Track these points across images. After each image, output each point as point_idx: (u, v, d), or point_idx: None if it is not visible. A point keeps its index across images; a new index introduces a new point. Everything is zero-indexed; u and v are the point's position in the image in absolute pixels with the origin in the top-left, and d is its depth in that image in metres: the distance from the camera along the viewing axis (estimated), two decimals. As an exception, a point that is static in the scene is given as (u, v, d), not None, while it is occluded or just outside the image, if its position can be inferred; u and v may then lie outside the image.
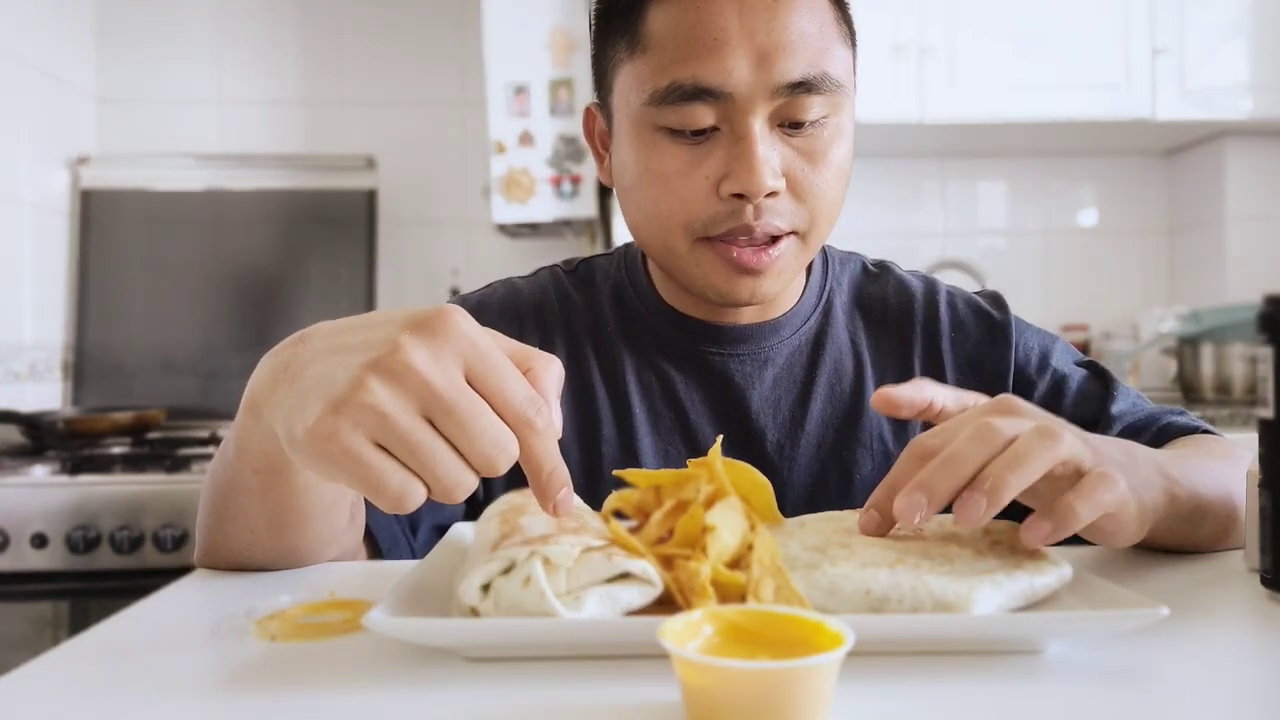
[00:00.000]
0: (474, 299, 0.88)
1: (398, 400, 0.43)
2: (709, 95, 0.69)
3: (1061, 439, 0.50)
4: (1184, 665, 0.46)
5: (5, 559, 1.59)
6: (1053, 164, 2.64)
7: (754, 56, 0.68)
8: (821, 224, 0.74)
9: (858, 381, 0.82)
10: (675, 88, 0.69)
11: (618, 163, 0.78)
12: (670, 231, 0.73)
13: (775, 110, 0.70)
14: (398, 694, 0.43)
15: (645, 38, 0.71)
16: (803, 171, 0.71)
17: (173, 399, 2.31)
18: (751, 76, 0.68)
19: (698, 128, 0.70)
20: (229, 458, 0.59)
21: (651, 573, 0.47)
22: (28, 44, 2.22)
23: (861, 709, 0.40)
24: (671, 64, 0.69)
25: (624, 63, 0.73)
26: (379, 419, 0.43)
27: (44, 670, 0.47)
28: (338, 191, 2.48)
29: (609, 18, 0.75)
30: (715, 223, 0.71)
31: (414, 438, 0.44)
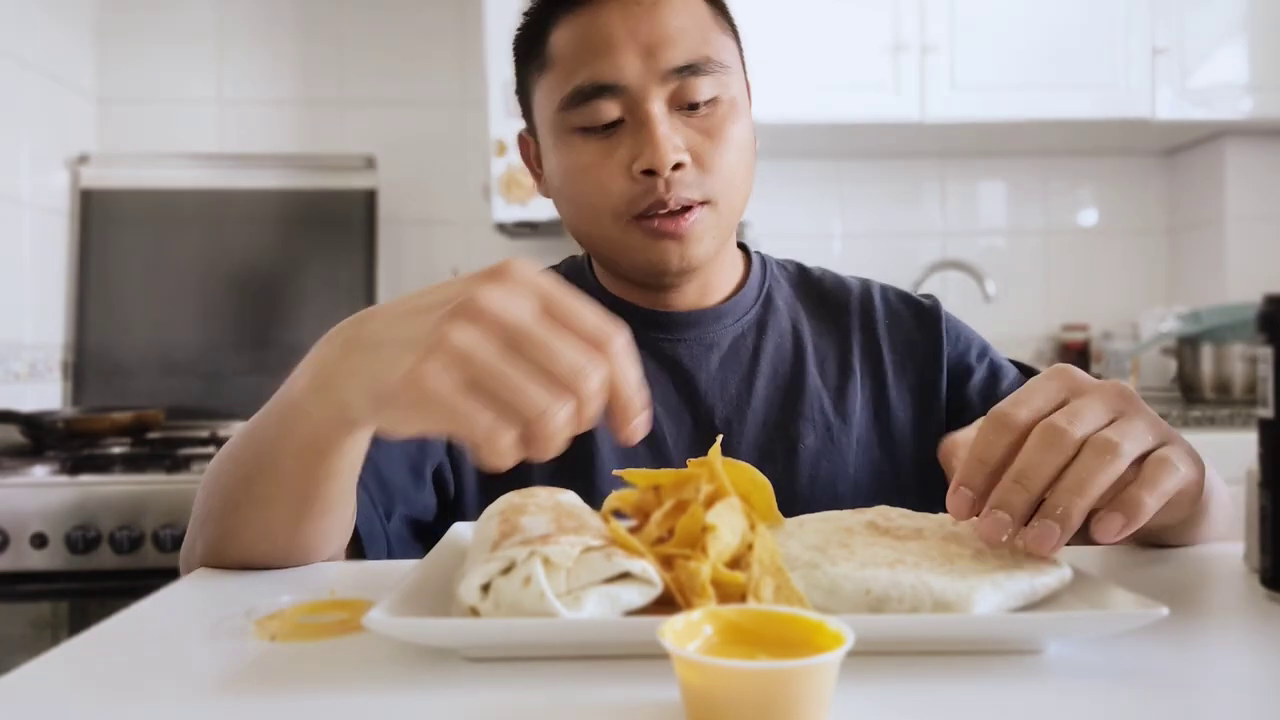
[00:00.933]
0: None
1: (480, 338, 0.46)
2: (608, 91, 0.78)
3: (1120, 452, 0.50)
4: (1184, 665, 0.46)
5: (5, 559, 1.59)
6: (1053, 164, 2.64)
7: (641, 51, 0.78)
8: (730, 194, 0.82)
9: (798, 361, 0.89)
10: (578, 90, 0.79)
11: (548, 172, 0.87)
12: (600, 219, 0.82)
13: (670, 96, 0.79)
14: (398, 694, 0.43)
15: (549, 57, 0.82)
16: (704, 147, 0.80)
17: (173, 399, 2.31)
18: (642, 68, 0.78)
19: (605, 121, 0.79)
20: (262, 443, 0.61)
21: (651, 573, 0.47)
22: (28, 44, 2.22)
23: (861, 709, 0.40)
24: (573, 72, 0.79)
25: (537, 83, 0.84)
26: (465, 358, 0.45)
27: (44, 670, 0.47)
28: (338, 191, 2.48)
29: (521, 47, 0.86)
30: (634, 201, 0.79)
31: (498, 368, 0.45)
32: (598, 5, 0.79)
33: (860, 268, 1.06)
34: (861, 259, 2.56)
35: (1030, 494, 0.50)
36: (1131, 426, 0.51)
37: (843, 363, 0.89)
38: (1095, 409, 0.51)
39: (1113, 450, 0.49)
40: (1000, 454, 0.51)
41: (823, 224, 2.61)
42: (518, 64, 0.87)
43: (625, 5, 0.78)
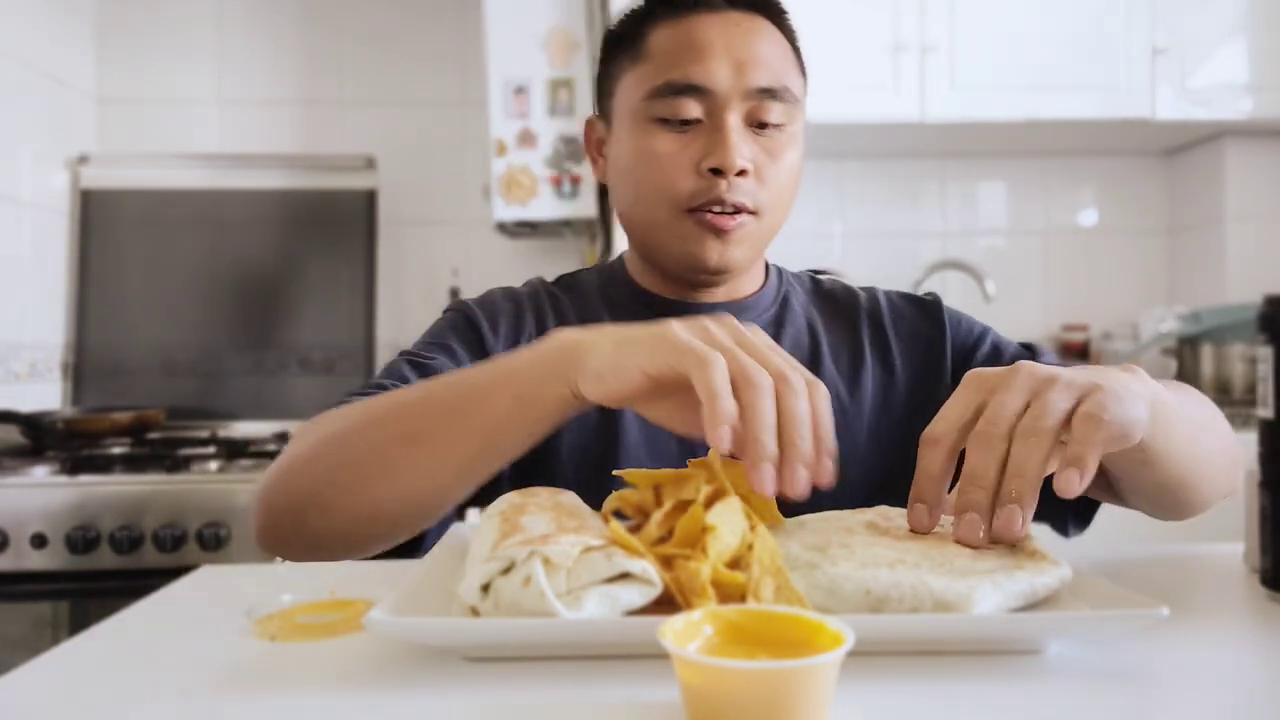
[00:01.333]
0: (475, 297, 0.98)
1: (720, 328, 0.59)
2: (696, 91, 0.85)
3: (1041, 429, 0.55)
4: (1184, 665, 0.46)
5: (5, 559, 1.59)
6: (1053, 164, 2.64)
7: (732, 64, 0.86)
8: (775, 210, 0.89)
9: (814, 353, 0.95)
10: (669, 84, 0.86)
11: (615, 155, 0.93)
12: (657, 205, 0.88)
13: (747, 111, 0.86)
14: (398, 694, 0.43)
15: (646, 51, 0.88)
16: (764, 163, 0.87)
17: (172, 399, 2.31)
18: (730, 79, 0.85)
19: (685, 117, 0.86)
20: (469, 389, 0.67)
21: (651, 573, 0.47)
22: (28, 44, 2.22)
23: (861, 709, 0.40)
24: (667, 67, 0.86)
25: (626, 72, 0.90)
26: (704, 331, 0.58)
27: (44, 670, 0.47)
28: (338, 191, 2.48)
29: (616, 41, 0.93)
30: (695, 195, 0.86)
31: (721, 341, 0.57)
32: (701, 16, 0.87)
33: (860, 268, 1.09)
34: (861, 259, 2.56)
35: (986, 492, 0.55)
36: (1046, 402, 0.56)
37: (854, 353, 0.95)
38: (1009, 402, 0.57)
39: (1035, 432, 0.55)
40: (938, 468, 0.57)
41: (823, 224, 2.61)
42: (606, 53, 0.94)
43: (726, 23, 0.87)
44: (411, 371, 0.85)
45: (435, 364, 0.86)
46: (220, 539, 1.63)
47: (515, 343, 0.92)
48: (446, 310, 0.97)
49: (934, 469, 0.57)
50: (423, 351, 0.89)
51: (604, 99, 0.95)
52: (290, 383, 2.38)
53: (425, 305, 2.56)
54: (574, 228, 2.39)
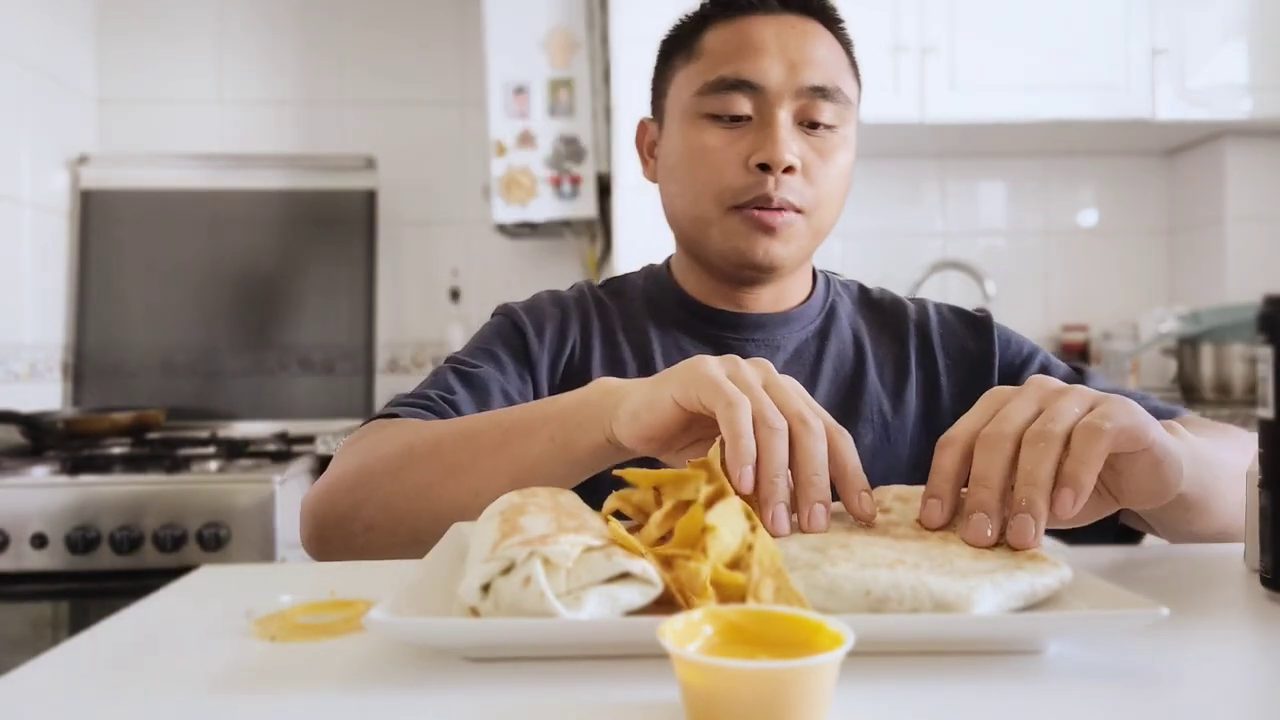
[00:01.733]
0: (522, 301, 0.99)
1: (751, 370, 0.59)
2: (747, 87, 0.86)
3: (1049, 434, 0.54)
4: (1184, 665, 0.46)
5: (5, 559, 1.59)
6: (1053, 164, 2.64)
7: (785, 63, 0.86)
8: (824, 211, 0.89)
9: (859, 365, 0.95)
10: (721, 79, 0.87)
11: (665, 151, 0.94)
12: (705, 200, 0.88)
13: (798, 109, 0.86)
14: (398, 694, 0.43)
15: (700, 50, 0.90)
16: (814, 162, 0.87)
17: (173, 399, 2.31)
18: (782, 77, 0.86)
19: (735, 113, 0.86)
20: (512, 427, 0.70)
21: (651, 573, 0.47)
22: (28, 44, 2.23)
23: (861, 709, 0.40)
24: (720, 64, 0.87)
25: (680, 70, 0.92)
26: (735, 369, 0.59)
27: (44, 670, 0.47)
28: (338, 191, 2.48)
29: (673, 42, 0.94)
30: (742, 191, 0.86)
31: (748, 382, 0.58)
32: (756, 17, 0.88)
33: (860, 268, 1.10)
34: (861, 259, 2.56)
35: (994, 492, 0.54)
36: (1056, 409, 0.55)
37: (900, 366, 0.95)
38: (1021, 409, 0.56)
39: (1044, 437, 0.54)
40: (951, 465, 0.57)
41: (823, 224, 2.61)
42: (662, 55, 0.96)
43: (780, 24, 0.88)
44: (457, 380, 0.86)
45: (480, 372, 0.88)
46: (220, 539, 1.63)
47: (560, 349, 0.93)
48: (493, 315, 0.98)
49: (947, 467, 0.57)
50: (469, 359, 0.90)
51: (657, 99, 0.97)
52: (290, 383, 2.38)
53: (425, 305, 2.56)
54: (574, 228, 2.39)
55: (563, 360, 0.93)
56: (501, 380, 0.88)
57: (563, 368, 0.93)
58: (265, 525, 1.65)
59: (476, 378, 0.87)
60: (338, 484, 0.76)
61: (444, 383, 0.86)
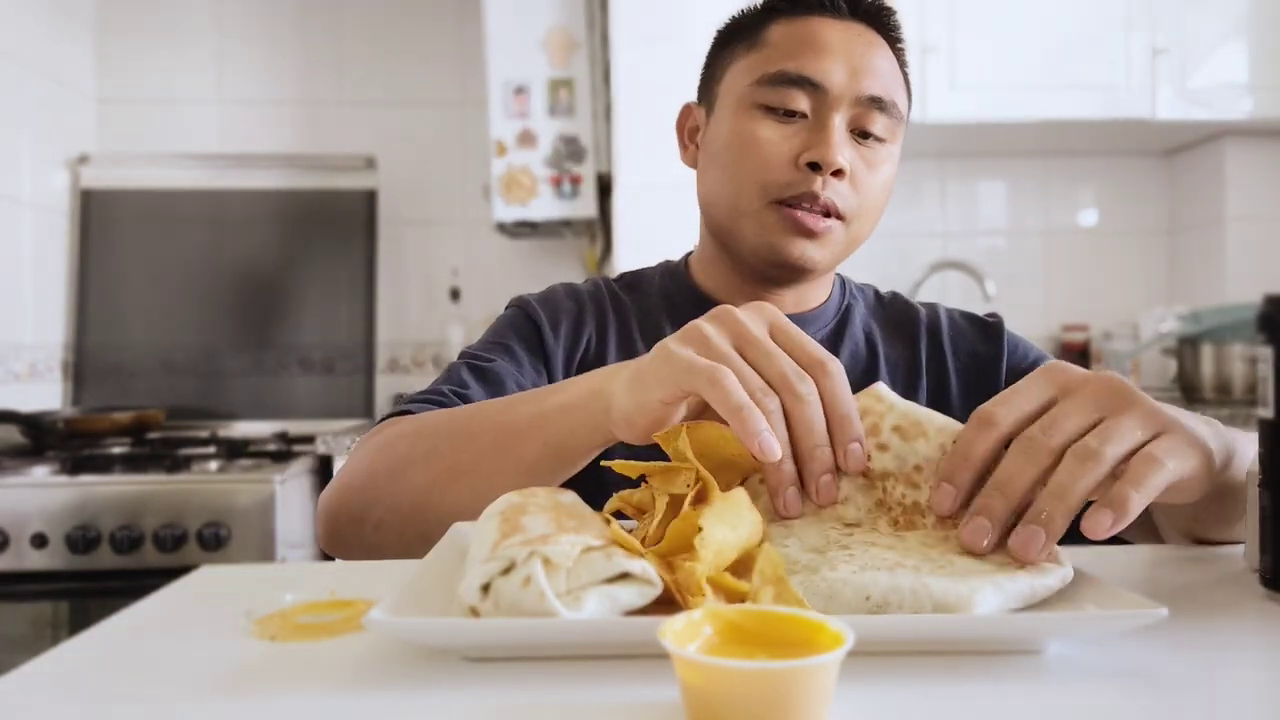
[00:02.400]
0: (536, 293, 0.99)
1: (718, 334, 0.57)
2: (808, 84, 0.85)
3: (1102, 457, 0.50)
4: (1184, 665, 0.46)
5: (5, 559, 1.59)
6: (1053, 164, 2.64)
7: (848, 68, 0.86)
8: (863, 221, 0.89)
9: (871, 367, 0.95)
10: (782, 74, 0.86)
11: (711, 137, 0.92)
12: (747, 191, 0.87)
13: (853, 116, 0.87)
14: (398, 694, 0.43)
15: (763, 42, 0.89)
16: (861, 171, 0.87)
17: (173, 399, 2.31)
18: (844, 81, 0.86)
19: (791, 108, 0.86)
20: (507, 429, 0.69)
21: (651, 573, 0.47)
22: (28, 44, 2.23)
23: (861, 709, 0.40)
24: (783, 58, 0.87)
25: (739, 59, 0.91)
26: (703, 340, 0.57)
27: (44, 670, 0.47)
28: (338, 191, 2.48)
29: (733, 30, 0.94)
30: (789, 187, 0.85)
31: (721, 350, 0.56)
32: (824, 19, 0.88)
33: (860, 268, 1.10)
34: (861, 259, 2.53)
35: (1010, 502, 0.51)
36: (1117, 427, 0.51)
37: (910, 368, 0.96)
38: (1079, 413, 0.52)
39: (1094, 457, 0.50)
40: (981, 452, 0.52)
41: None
42: (719, 42, 0.95)
43: (847, 30, 0.88)
44: (470, 375, 0.86)
45: (494, 366, 0.87)
46: (220, 539, 1.63)
47: (575, 343, 0.93)
48: (507, 307, 0.97)
49: (975, 453, 0.53)
50: (482, 352, 0.90)
51: (708, 85, 0.95)
52: (290, 383, 2.38)
53: (425, 305, 2.56)
54: (574, 228, 2.39)
55: (578, 354, 0.93)
56: (516, 373, 0.88)
57: (578, 361, 0.93)
58: (265, 525, 1.65)
59: (491, 371, 0.87)
60: (349, 484, 0.77)
61: (458, 378, 0.86)
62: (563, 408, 0.66)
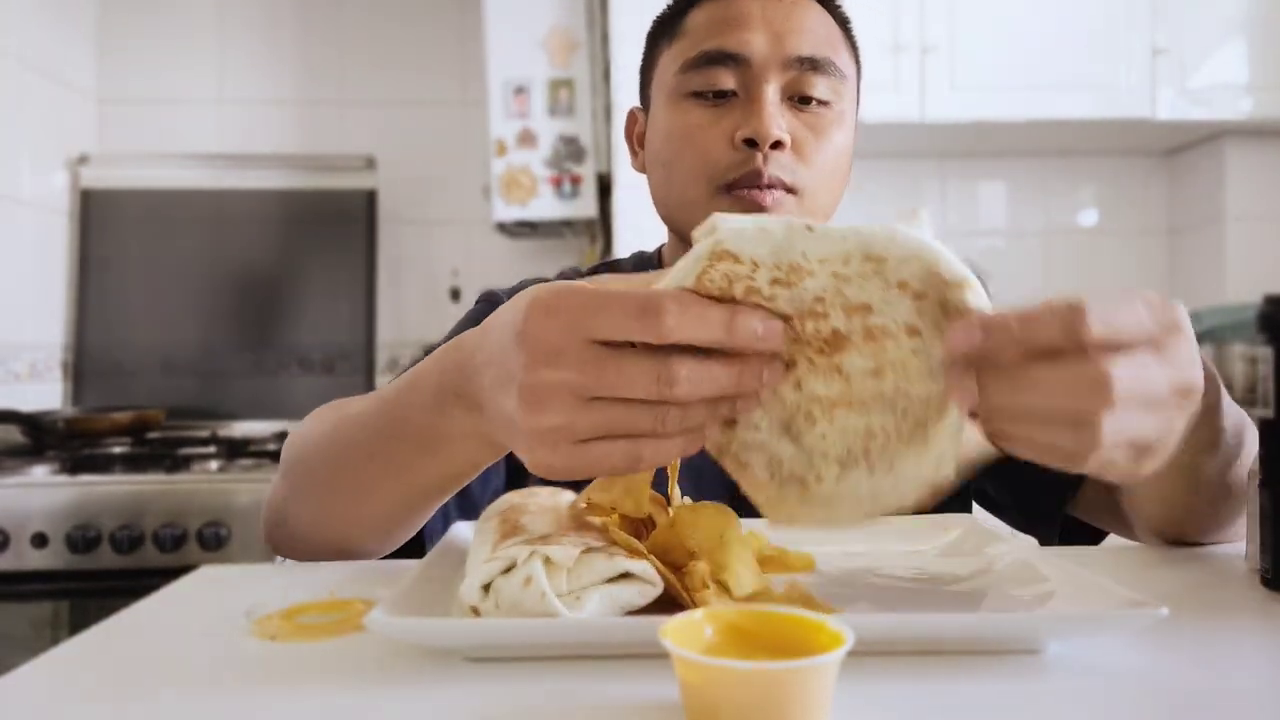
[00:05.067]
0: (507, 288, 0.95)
1: (559, 413, 0.45)
2: (730, 60, 0.82)
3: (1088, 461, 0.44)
4: (1184, 665, 0.46)
5: (5, 559, 1.59)
6: (1053, 164, 2.64)
7: (770, 35, 0.82)
8: (820, 193, 0.84)
9: None
10: (703, 54, 0.83)
11: (651, 136, 0.90)
12: (692, 183, 0.84)
13: (786, 83, 0.82)
14: (398, 694, 0.43)
15: (684, 29, 0.86)
16: (805, 139, 0.82)
17: (173, 399, 2.31)
18: (767, 49, 0.82)
19: (720, 88, 0.82)
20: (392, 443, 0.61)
21: (652, 573, 0.47)
22: (28, 44, 2.22)
23: (861, 709, 0.40)
24: (703, 40, 0.84)
25: (664, 52, 0.88)
26: (559, 434, 0.46)
27: (44, 670, 0.47)
28: (338, 191, 2.48)
29: (658, 26, 0.91)
30: (730, 170, 0.81)
31: (594, 423, 0.45)
32: None
33: (860, 268, 1.08)
34: (861, 259, 2.56)
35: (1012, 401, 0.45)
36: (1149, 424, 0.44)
37: None
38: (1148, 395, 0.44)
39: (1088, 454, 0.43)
40: (1036, 339, 0.44)
41: (823, 224, 2.61)
42: (649, 42, 0.93)
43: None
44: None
45: None
46: (220, 539, 1.63)
47: None
48: (478, 301, 0.95)
49: (1029, 336, 0.44)
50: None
51: (644, 86, 0.93)
52: (290, 383, 2.38)
53: (425, 305, 2.56)
54: (574, 228, 2.39)
55: None
56: None
57: None
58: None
59: None
60: (276, 489, 0.75)
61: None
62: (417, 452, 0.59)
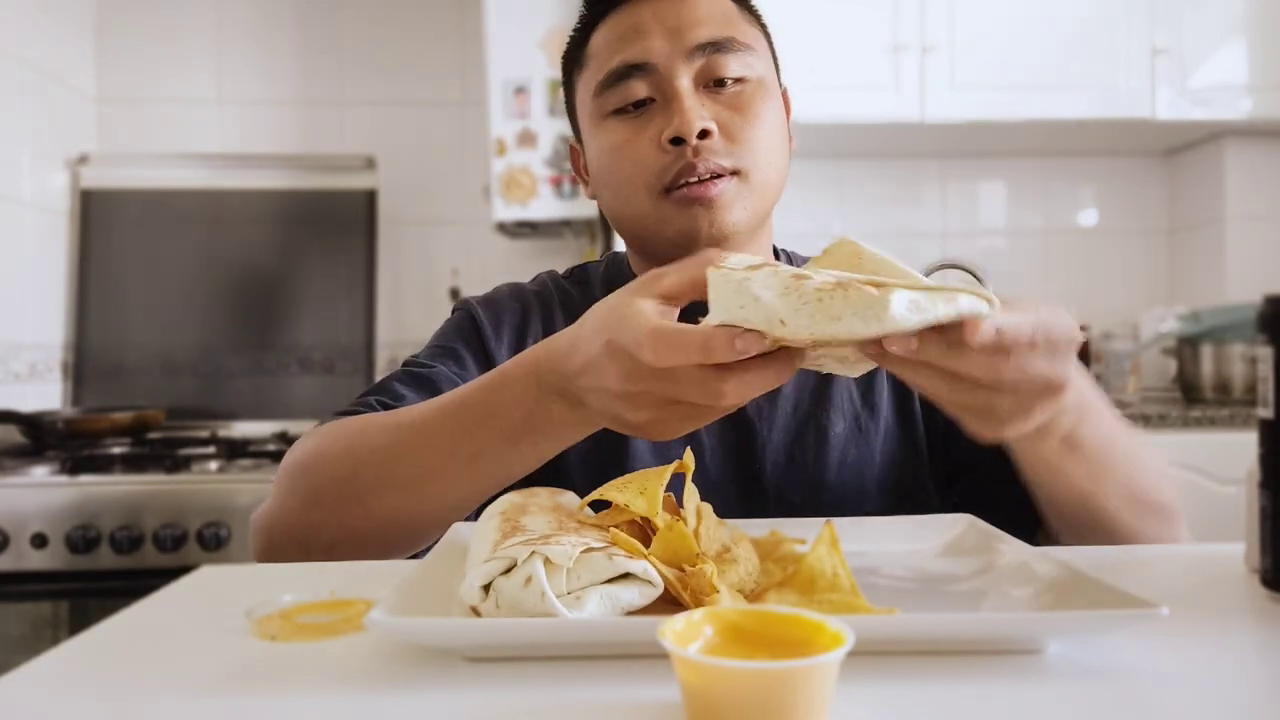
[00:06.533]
0: (482, 295, 0.97)
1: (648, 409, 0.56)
2: (637, 70, 0.83)
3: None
4: (1184, 665, 0.46)
5: (5, 559, 1.59)
6: (1053, 164, 2.64)
7: (667, 34, 0.83)
8: (762, 168, 0.84)
9: None
10: (610, 73, 0.84)
11: (590, 162, 0.90)
12: (635, 196, 0.84)
13: (697, 73, 0.83)
14: (398, 694, 0.43)
15: (588, 55, 0.88)
16: (732, 120, 0.83)
17: (173, 399, 2.31)
18: (668, 47, 0.82)
19: (635, 99, 0.83)
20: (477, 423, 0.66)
21: (651, 573, 0.47)
22: (28, 44, 2.22)
23: (861, 709, 0.40)
24: (607, 60, 0.85)
25: (579, 80, 0.89)
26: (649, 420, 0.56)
27: (44, 670, 0.47)
28: (338, 191, 2.48)
29: (568, 58, 0.92)
30: (665, 171, 0.82)
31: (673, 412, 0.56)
32: (631, 5, 0.85)
33: (860, 268, 1.07)
34: (861, 259, 2.56)
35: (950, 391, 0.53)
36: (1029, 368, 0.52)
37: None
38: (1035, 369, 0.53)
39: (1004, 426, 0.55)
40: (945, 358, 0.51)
41: (823, 224, 2.61)
42: (564, 77, 0.93)
43: (655, 2, 0.85)
44: (408, 386, 0.84)
45: (432, 372, 0.85)
46: (220, 539, 1.63)
47: (519, 344, 0.91)
48: (454, 309, 0.96)
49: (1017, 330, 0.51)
50: (425, 360, 0.88)
51: (573, 121, 0.94)
52: (290, 383, 2.38)
53: (425, 305, 2.56)
54: (574, 228, 2.39)
55: None
56: (456, 378, 0.86)
57: None
58: (265, 525, 1.65)
59: (429, 380, 0.84)
60: (289, 506, 0.74)
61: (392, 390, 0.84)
62: (524, 422, 0.65)
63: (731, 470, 0.86)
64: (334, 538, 0.72)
